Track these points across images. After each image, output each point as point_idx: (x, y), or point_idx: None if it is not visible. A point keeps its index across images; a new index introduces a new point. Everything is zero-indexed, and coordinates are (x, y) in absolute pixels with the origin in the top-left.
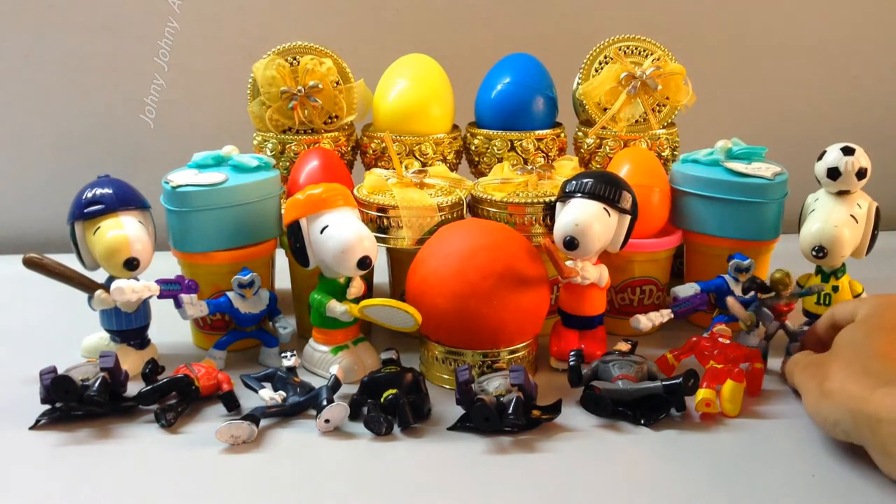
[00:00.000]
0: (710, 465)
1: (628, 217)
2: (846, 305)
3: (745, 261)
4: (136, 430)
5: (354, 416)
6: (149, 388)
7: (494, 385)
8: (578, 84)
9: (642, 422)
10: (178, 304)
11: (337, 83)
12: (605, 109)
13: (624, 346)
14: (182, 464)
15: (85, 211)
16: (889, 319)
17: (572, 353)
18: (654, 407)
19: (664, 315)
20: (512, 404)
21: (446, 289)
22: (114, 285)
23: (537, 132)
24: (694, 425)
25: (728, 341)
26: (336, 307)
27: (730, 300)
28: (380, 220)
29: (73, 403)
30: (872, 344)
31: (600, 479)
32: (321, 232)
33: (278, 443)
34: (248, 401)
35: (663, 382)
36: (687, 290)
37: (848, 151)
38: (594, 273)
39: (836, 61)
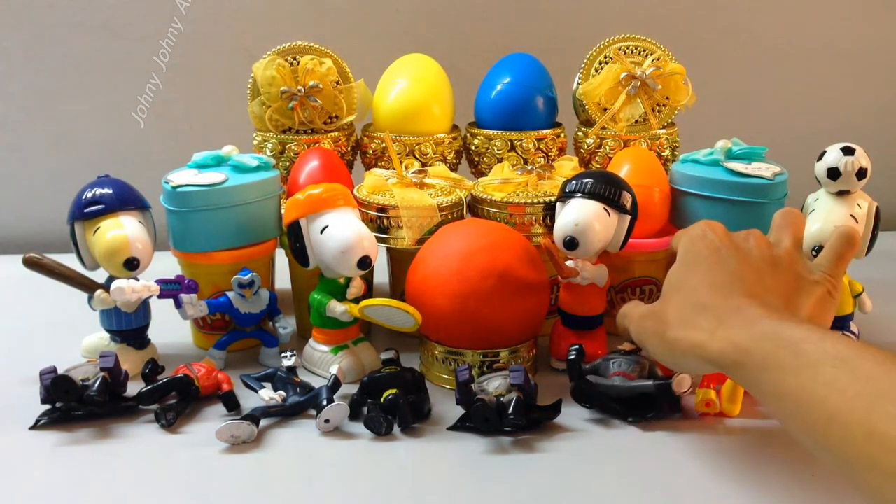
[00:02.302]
0: (710, 465)
1: (628, 217)
2: (674, 239)
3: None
4: (136, 430)
5: (354, 416)
6: (149, 388)
7: (494, 385)
8: (578, 84)
9: (630, 419)
10: (178, 304)
11: (337, 83)
12: (605, 109)
13: (627, 346)
14: (182, 464)
15: (85, 211)
16: (700, 250)
17: (572, 348)
18: (646, 406)
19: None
20: (512, 404)
21: (446, 289)
22: (114, 285)
23: (537, 132)
24: (694, 425)
25: None
26: (336, 307)
27: None
28: (380, 220)
29: (73, 403)
30: (696, 280)
31: (601, 480)
32: (321, 232)
33: (278, 443)
34: (248, 401)
35: (655, 382)
36: None
37: (848, 151)
38: (594, 273)
39: (837, 61)
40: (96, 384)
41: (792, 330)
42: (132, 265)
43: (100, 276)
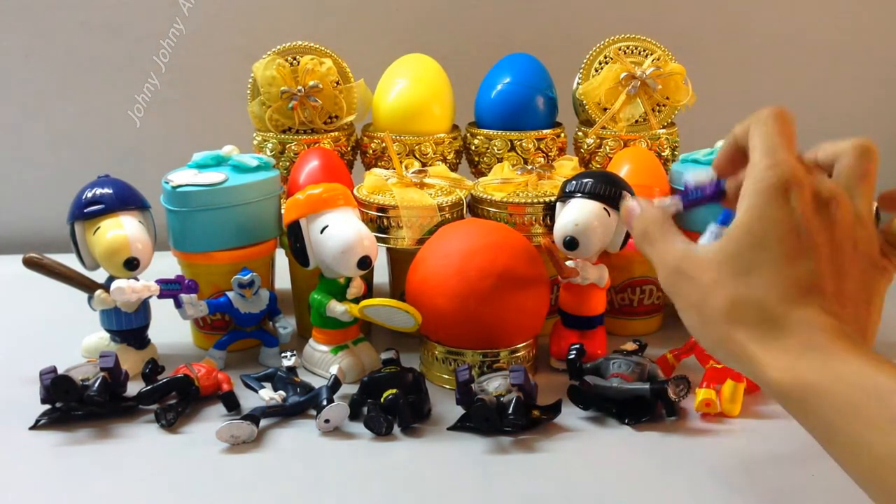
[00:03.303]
0: (711, 465)
1: None
2: (744, 129)
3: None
4: (136, 430)
5: (354, 416)
6: (149, 388)
7: (494, 385)
8: (578, 84)
9: (626, 421)
10: (178, 304)
11: (337, 83)
12: (605, 109)
13: (630, 346)
14: (182, 464)
15: (85, 211)
16: (778, 222)
17: (572, 347)
18: (642, 408)
19: (671, 204)
20: (512, 404)
21: (446, 289)
22: (114, 285)
23: (537, 132)
24: (694, 425)
25: None
26: (336, 307)
27: None
28: (380, 220)
29: (73, 403)
30: (763, 269)
31: (601, 480)
32: (321, 232)
33: (278, 443)
34: (248, 401)
35: (651, 386)
36: (700, 174)
37: None
38: (594, 273)
39: (837, 61)
40: (96, 384)
41: (879, 374)
42: (132, 265)
43: (100, 276)
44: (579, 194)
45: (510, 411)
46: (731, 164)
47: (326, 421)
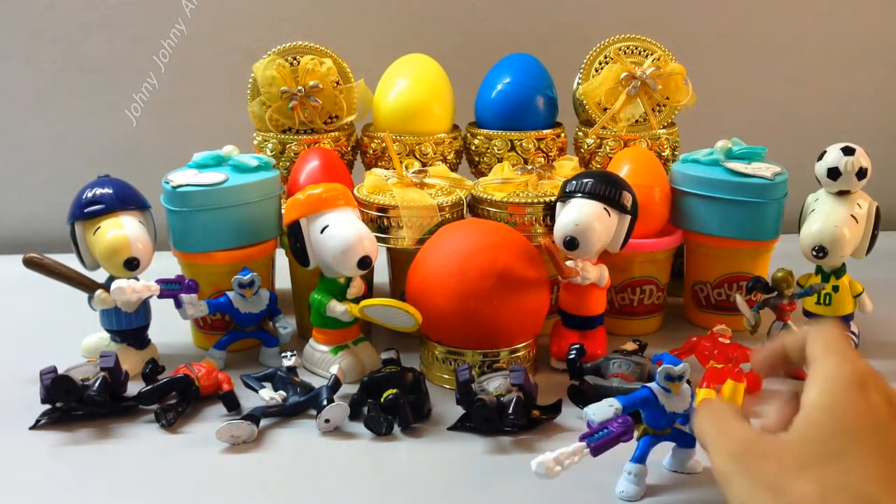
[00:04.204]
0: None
1: (628, 217)
2: (797, 341)
3: (678, 365)
4: (136, 430)
5: (354, 416)
6: (149, 388)
7: (494, 385)
8: (578, 84)
9: None
10: (178, 304)
11: (337, 83)
12: (605, 109)
13: (630, 346)
14: (182, 464)
15: (85, 211)
16: (861, 414)
17: (572, 347)
18: None
19: (575, 453)
20: (512, 404)
21: (446, 289)
22: (114, 285)
23: (537, 132)
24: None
25: (728, 341)
26: (336, 307)
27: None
28: (380, 220)
29: (73, 403)
30: (856, 457)
31: (601, 479)
32: (321, 232)
33: (278, 443)
34: (248, 401)
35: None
36: (604, 409)
37: (848, 151)
38: (594, 273)
39: (837, 61)
40: (96, 384)
41: None
42: (132, 265)
43: (100, 276)
44: (579, 194)
45: (510, 411)
46: (771, 368)
47: (326, 421)
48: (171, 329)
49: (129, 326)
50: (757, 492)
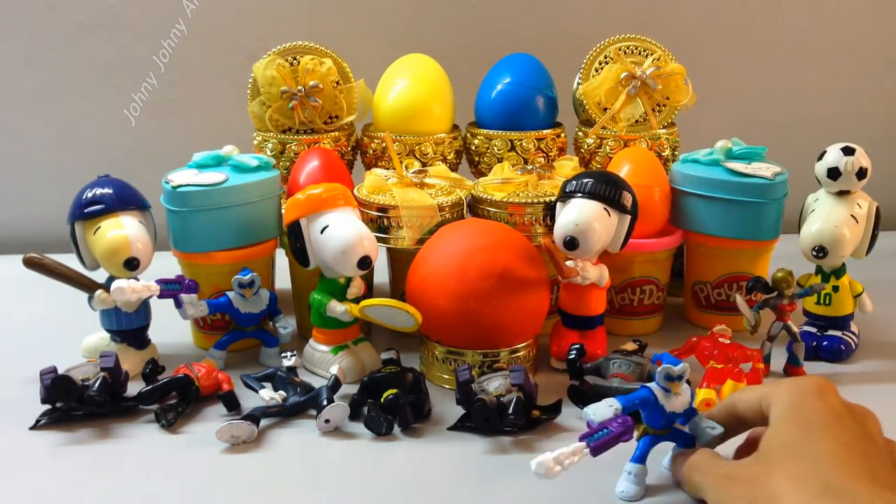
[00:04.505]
0: None
1: (628, 217)
2: (748, 394)
3: (678, 365)
4: (136, 430)
5: (354, 416)
6: (149, 388)
7: (494, 385)
8: (578, 84)
9: None
10: (179, 304)
11: (337, 83)
12: (605, 109)
13: (630, 346)
14: (182, 464)
15: (85, 211)
16: (819, 412)
17: (572, 347)
18: None
19: (575, 453)
20: (512, 404)
21: (446, 289)
22: (114, 285)
23: (537, 132)
24: None
25: (728, 341)
26: (336, 307)
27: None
28: (380, 220)
29: (73, 403)
30: (820, 449)
31: (601, 479)
32: (321, 232)
33: (278, 443)
34: (248, 401)
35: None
36: (604, 409)
37: (848, 151)
38: (594, 273)
39: (837, 61)
40: (96, 384)
41: None
42: (132, 265)
43: (100, 276)
44: (579, 194)
45: (510, 411)
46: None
47: (326, 421)
48: (171, 329)
49: (129, 326)
50: (734, 492)
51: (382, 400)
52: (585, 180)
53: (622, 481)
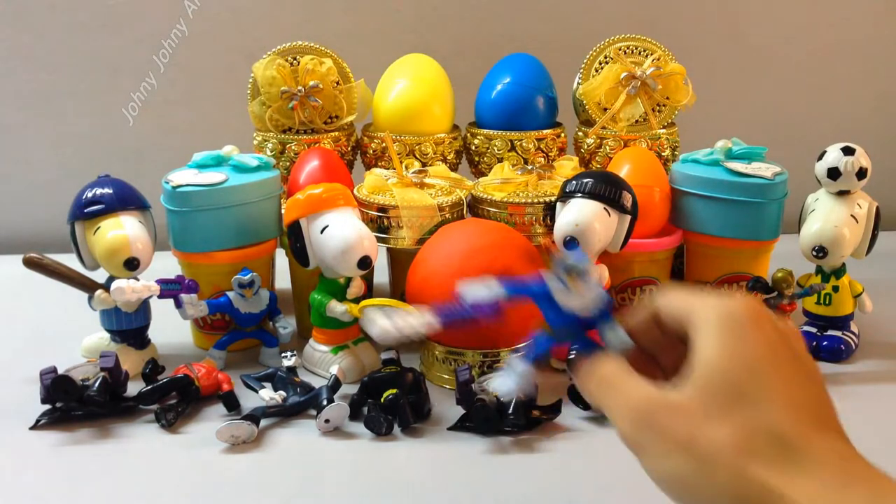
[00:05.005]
0: None
1: (628, 217)
2: (674, 301)
3: (582, 262)
4: (136, 430)
5: (354, 416)
6: (149, 388)
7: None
8: (578, 84)
9: None
10: (179, 304)
11: (337, 83)
12: (605, 109)
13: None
14: (182, 464)
15: (85, 211)
16: (760, 344)
17: (572, 348)
18: None
19: (421, 323)
20: (512, 404)
21: (446, 289)
22: (114, 285)
23: (537, 132)
24: None
25: None
26: (336, 307)
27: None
28: (380, 220)
29: (73, 403)
30: (767, 394)
31: (601, 480)
32: (321, 232)
33: (278, 443)
34: (248, 401)
35: None
36: (481, 289)
37: (848, 151)
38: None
39: (837, 61)
40: (96, 384)
41: None
42: (132, 265)
43: (100, 276)
44: (579, 194)
45: (510, 411)
46: (645, 334)
47: (326, 421)
48: (171, 329)
49: (129, 326)
50: (669, 451)
51: (382, 400)
52: (585, 180)
53: (501, 374)
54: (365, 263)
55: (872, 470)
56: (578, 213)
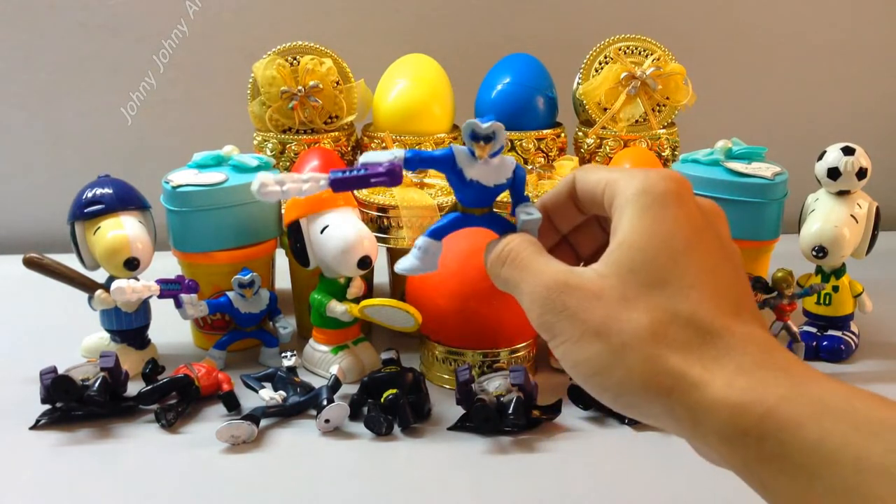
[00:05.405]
0: (711, 465)
1: None
2: (592, 174)
3: (489, 124)
4: (136, 430)
5: (354, 416)
6: (149, 388)
7: (494, 385)
8: (578, 84)
9: (626, 421)
10: (179, 304)
11: (337, 83)
12: (605, 109)
13: None
14: (182, 464)
15: (85, 211)
16: (682, 225)
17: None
18: None
19: (308, 181)
20: (512, 404)
21: (446, 289)
22: (114, 285)
23: (537, 132)
24: None
25: None
26: (336, 307)
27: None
28: (380, 220)
29: (73, 403)
30: (688, 279)
31: (601, 480)
32: (321, 232)
33: (278, 443)
34: (248, 401)
35: None
36: (380, 154)
37: (848, 151)
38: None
39: (837, 61)
40: (96, 384)
41: (877, 406)
42: (132, 265)
43: (100, 276)
44: None
45: (510, 411)
46: (557, 207)
47: (326, 421)
48: (171, 329)
49: (129, 326)
50: (582, 335)
51: (382, 400)
52: None
53: (408, 255)
54: (365, 263)
55: (790, 357)
56: None
